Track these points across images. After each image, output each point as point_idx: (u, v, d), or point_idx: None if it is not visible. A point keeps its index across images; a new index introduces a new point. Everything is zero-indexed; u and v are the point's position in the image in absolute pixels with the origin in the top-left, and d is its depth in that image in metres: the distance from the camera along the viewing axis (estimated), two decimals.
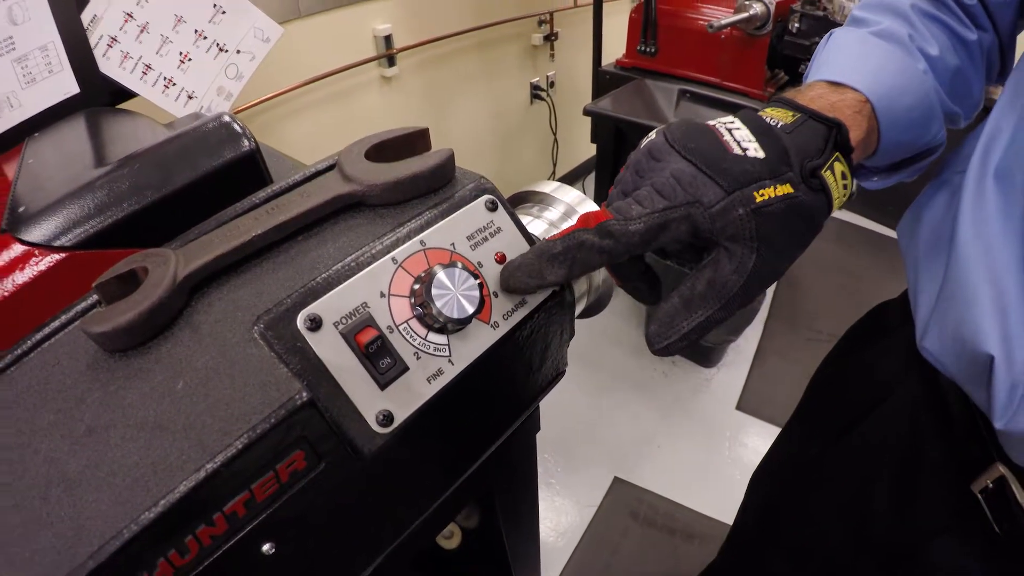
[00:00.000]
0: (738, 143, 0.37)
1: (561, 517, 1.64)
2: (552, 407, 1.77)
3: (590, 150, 2.11)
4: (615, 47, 1.94)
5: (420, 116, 2.14)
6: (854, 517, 0.60)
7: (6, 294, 0.47)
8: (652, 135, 0.39)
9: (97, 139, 0.77)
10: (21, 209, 0.53)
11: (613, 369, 2.07)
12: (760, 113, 0.40)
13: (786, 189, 0.35)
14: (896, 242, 0.59)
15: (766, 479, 0.81)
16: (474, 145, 2.46)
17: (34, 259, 0.49)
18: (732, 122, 0.39)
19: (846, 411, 0.62)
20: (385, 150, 0.41)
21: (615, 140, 1.82)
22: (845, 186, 0.39)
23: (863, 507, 0.58)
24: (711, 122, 0.39)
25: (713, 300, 0.36)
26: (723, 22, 1.48)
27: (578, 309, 0.49)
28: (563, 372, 0.47)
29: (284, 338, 0.31)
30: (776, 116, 0.39)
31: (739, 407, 1.92)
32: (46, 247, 0.49)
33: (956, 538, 0.51)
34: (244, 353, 0.30)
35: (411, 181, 0.37)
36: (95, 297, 0.38)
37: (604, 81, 1.89)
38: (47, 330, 0.37)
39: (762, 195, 0.35)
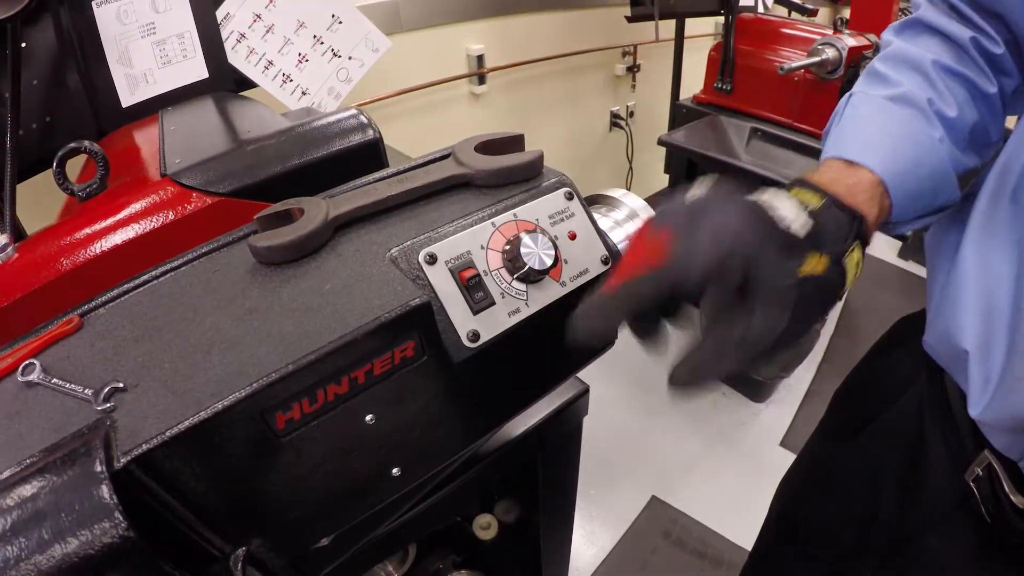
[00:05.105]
0: (784, 221, 0.40)
1: (595, 526, 1.69)
2: (602, 422, 1.82)
3: (662, 181, 2.18)
4: (694, 82, 2.01)
5: None
6: (863, 512, 0.65)
7: (166, 223, 0.58)
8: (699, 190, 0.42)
9: (228, 116, 0.90)
10: (177, 161, 0.64)
11: (665, 393, 2.10)
12: (790, 193, 0.43)
13: (819, 270, 0.40)
14: None
15: (785, 486, 0.85)
16: (552, 165, 2.56)
17: (192, 199, 0.60)
18: (771, 200, 0.42)
19: (863, 412, 0.67)
20: (490, 146, 0.52)
21: (688, 172, 1.89)
22: (858, 268, 0.44)
23: (872, 502, 0.63)
24: (751, 197, 0.42)
25: (743, 355, 0.37)
26: (793, 65, 1.53)
27: None
28: (612, 342, 0.56)
29: (408, 268, 0.42)
30: (804, 199, 0.42)
31: (783, 443, 1.93)
32: (203, 191, 0.60)
33: (951, 526, 0.56)
34: (379, 271, 0.41)
35: (509, 171, 0.49)
36: (249, 229, 0.48)
37: (681, 114, 1.96)
38: (205, 249, 0.47)
39: (802, 271, 0.39)
